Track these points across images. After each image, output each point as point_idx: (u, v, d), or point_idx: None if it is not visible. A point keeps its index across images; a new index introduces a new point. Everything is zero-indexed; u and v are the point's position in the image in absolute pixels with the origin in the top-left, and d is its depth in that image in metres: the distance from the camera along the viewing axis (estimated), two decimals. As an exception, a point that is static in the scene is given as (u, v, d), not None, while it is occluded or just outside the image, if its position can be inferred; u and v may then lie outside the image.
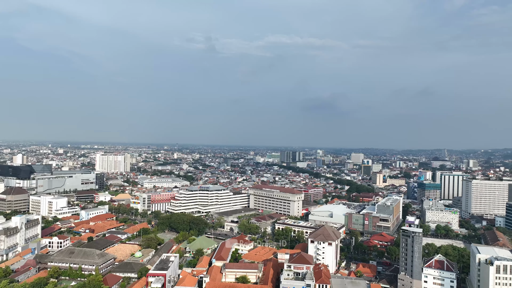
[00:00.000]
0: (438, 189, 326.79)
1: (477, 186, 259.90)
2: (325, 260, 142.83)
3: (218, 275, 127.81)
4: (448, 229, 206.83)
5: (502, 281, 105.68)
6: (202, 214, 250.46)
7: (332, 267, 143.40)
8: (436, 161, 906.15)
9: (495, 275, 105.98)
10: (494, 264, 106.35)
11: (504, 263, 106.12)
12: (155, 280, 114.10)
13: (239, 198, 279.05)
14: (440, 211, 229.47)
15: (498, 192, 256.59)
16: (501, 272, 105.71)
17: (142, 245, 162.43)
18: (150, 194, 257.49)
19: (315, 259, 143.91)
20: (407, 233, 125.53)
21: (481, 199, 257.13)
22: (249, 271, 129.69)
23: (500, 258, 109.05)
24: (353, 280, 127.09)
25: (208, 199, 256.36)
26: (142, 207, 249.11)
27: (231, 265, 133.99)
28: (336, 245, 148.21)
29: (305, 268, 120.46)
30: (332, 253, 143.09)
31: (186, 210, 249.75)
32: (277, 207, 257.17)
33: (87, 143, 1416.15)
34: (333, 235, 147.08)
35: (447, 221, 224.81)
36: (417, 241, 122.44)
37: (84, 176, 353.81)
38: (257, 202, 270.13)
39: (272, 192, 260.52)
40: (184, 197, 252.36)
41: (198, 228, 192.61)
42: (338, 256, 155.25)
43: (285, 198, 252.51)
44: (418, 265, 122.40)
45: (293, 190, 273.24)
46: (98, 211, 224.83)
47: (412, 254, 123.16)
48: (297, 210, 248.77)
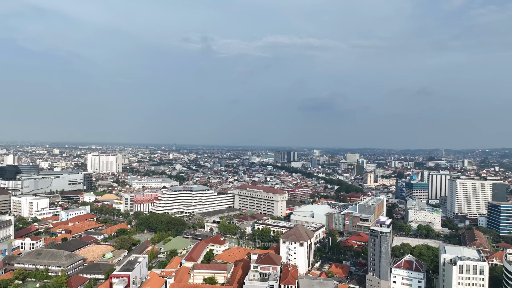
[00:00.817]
0: (425, 189, 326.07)
1: (461, 186, 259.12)
2: (296, 261, 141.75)
3: (185, 276, 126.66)
4: (429, 229, 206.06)
5: (465, 281, 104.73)
6: (185, 214, 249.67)
7: (304, 268, 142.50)
8: (431, 160, 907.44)
9: (458, 275, 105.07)
10: (457, 264, 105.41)
11: (467, 263, 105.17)
12: (118, 281, 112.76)
13: (224, 198, 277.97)
14: (423, 210, 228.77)
15: (482, 192, 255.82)
16: (464, 272, 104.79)
17: (115, 246, 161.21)
18: (133, 195, 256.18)
19: (287, 259, 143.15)
20: (375, 233, 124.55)
21: (465, 198, 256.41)
22: (217, 272, 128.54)
23: (464, 258, 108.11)
24: (321, 280, 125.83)
25: (191, 200, 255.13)
26: (124, 207, 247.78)
27: (200, 265, 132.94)
28: (309, 245, 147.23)
29: (271, 269, 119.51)
30: (304, 254, 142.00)
31: (169, 211, 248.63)
32: (261, 207, 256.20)
33: (85, 144, 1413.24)
34: (306, 235, 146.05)
35: (429, 220, 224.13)
36: (384, 241, 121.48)
37: (72, 177, 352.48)
38: (242, 202, 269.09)
39: (256, 192, 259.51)
40: (167, 198, 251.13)
41: (176, 228, 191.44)
42: (312, 256, 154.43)
43: (268, 198, 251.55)
44: (385, 265, 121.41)
45: (277, 190, 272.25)
46: (78, 212, 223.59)
47: (380, 254, 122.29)
48: (280, 210, 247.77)
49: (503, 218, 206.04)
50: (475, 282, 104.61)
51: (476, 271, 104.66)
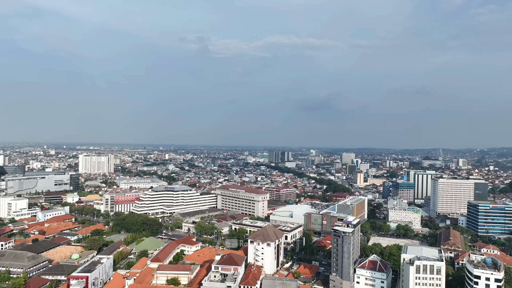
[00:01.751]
0: (411, 189, 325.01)
1: (443, 185, 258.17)
2: (263, 261, 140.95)
3: (148, 277, 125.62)
4: (407, 229, 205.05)
5: (422, 281, 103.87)
6: (166, 215, 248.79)
7: (272, 268, 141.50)
8: (427, 160, 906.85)
9: (415, 275, 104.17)
10: (414, 264, 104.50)
11: (424, 263, 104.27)
12: (76, 283, 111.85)
13: (208, 198, 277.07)
14: (403, 210, 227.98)
15: (464, 191, 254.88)
16: (421, 272, 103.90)
17: (86, 247, 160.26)
18: (114, 195, 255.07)
19: (254, 259, 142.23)
20: (337, 233, 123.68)
21: (447, 198, 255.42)
22: (180, 273, 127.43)
23: (422, 258, 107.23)
24: (284, 281, 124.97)
25: (173, 200, 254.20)
26: (104, 208, 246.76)
27: (164, 266, 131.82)
28: (277, 245, 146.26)
29: (232, 269, 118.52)
30: (271, 254, 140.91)
31: (150, 211, 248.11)
32: (243, 208, 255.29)
33: (84, 144, 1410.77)
34: (274, 235, 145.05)
35: (409, 220, 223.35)
36: (346, 241, 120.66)
37: (58, 177, 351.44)
38: (224, 203, 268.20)
39: (238, 192, 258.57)
40: (148, 198, 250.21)
41: (151, 229, 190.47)
42: (282, 257, 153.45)
43: (250, 199, 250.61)
44: (347, 266, 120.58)
45: (258, 190, 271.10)
46: (56, 213, 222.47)
47: (342, 254, 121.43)
48: (261, 210, 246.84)
49: (481, 217, 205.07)
50: (432, 282, 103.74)
51: (433, 271, 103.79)
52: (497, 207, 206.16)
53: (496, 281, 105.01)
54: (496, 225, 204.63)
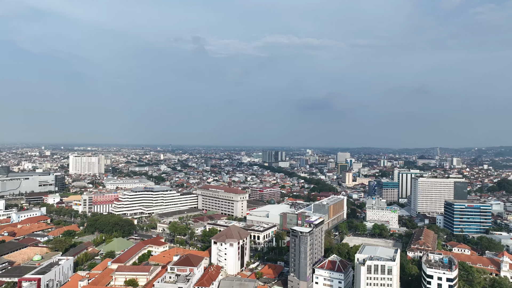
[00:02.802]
0: (395, 188, 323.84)
1: (423, 184, 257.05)
2: (227, 261, 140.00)
3: (105, 278, 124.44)
4: (382, 228, 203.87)
5: (373, 281, 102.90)
6: (145, 215, 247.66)
7: (235, 268, 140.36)
8: (422, 159, 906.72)
9: (366, 275, 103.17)
10: (366, 264, 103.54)
11: (375, 263, 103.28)
12: (28, 285, 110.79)
13: (189, 198, 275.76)
14: (381, 210, 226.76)
15: (444, 190, 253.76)
16: (372, 272, 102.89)
17: (51, 248, 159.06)
18: (92, 196, 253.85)
19: (217, 260, 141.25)
20: (294, 233, 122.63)
21: (427, 197, 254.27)
22: (139, 274, 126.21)
23: (375, 258, 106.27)
24: (242, 282, 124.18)
25: (152, 200, 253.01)
26: (82, 208, 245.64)
27: (123, 267, 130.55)
28: (242, 245, 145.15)
29: (188, 270, 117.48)
30: (234, 254, 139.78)
31: (129, 211, 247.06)
32: (222, 208, 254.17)
33: (82, 145, 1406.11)
34: (237, 235, 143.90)
35: (386, 220, 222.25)
36: (303, 242, 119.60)
37: (42, 178, 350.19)
38: (205, 203, 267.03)
39: (217, 192, 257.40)
40: (127, 199, 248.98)
41: (123, 229, 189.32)
42: (248, 257, 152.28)
43: (229, 199, 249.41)
44: (304, 266, 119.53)
45: (237, 190, 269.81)
46: (31, 214, 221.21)
47: (299, 254, 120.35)
48: (240, 210, 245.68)
49: (456, 216, 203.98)
50: (383, 282, 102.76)
51: (384, 271, 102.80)
52: (472, 206, 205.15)
53: (448, 280, 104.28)
54: (471, 224, 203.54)
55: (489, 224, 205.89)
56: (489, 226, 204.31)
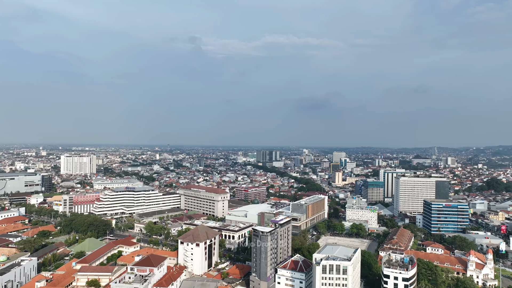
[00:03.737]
0: (381, 187, 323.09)
1: (404, 184, 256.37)
2: (193, 262, 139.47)
3: (66, 279, 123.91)
4: (360, 228, 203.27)
5: (328, 281, 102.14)
6: (126, 215, 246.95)
7: (202, 269, 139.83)
8: (417, 159, 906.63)
9: (321, 275, 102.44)
10: (321, 264, 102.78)
11: (330, 263, 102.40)
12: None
13: (172, 198, 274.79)
14: (361, 209, 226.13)
15: (425, 190, 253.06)
16: (327, 272, 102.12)
17: (21, 248, 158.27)
18: (72, 196, 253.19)
19: (184, 260, 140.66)
20: (256, 233, 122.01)
21: (408, 196, 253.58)
22: (102, 274, 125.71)
23: (331, 258, 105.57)
24: (204, 282, 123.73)
25: (134, 200, 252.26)
26: (63, 208, 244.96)
27: (86, 268, 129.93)
28: (209, 245, 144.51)
29: (148, 271, 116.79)
30: (201, 254, 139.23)
31: (110, 212, 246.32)
32: (204, 207, 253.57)
33: (81, 145, 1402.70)
34: (204, 235, 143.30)
35: (366, 219, 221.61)
36: (263, 241, 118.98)
37: (28, 178, 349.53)
38: (187, 203, 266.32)
39: (199, 192, 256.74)
40: (108, 199, 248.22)
41: (98, 230, 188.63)
42: (216, 257, 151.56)
43: (210, 198, 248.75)
44: (265, 266, 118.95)
45: (218, 190, 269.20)
46: (10, 214, 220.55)
47: (260, 254, 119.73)
48: (221, 210, 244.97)
49: (434, 216, 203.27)
50: (338, 282, 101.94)
51: (339, 271, 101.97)
52: (450, 205, 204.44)
53: (404, 280, 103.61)
54: (449, 223, 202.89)
55: (466, 223, 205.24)
56: (466, 225, 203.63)
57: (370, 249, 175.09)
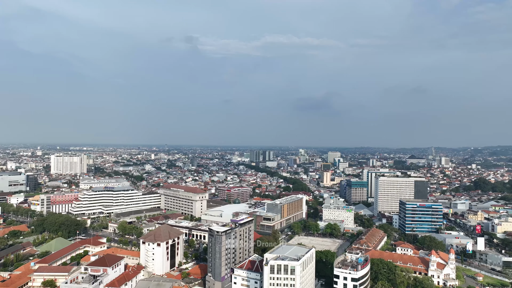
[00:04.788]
0: (365, 187, 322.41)
1: (384, 183, 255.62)
2: (154, 261, 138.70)
3: (21, 279, 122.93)
4: (334, 228, 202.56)
5: (276, 281, 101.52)
6: (103, 215, 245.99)
7: (163, 269, 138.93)
8: (412, 159, 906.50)
9: (269, 275, 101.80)
10: (269, 264, 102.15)
11: (278, 263, 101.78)
12: None
13: (153, 198, 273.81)
14: (337, 209, 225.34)
15: (404, 189, 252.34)
16: (275, 272, 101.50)
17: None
18: (50, 195, 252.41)
19: (145, 260, 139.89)
20: (211, 233, 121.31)
21: (387, 196, 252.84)
22: (58, 274, 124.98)
23: (280, 258, 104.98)
24: (160, 282, 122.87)
25: (112, 200, 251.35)
26: (40, 208, 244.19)
27: (43, 268, 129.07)
28: (172, 245, 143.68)
29: (102, 270, 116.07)
30: (162, 254, 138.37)
31: (88, 211, 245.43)
32: (183, 207, 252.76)
33: (80, 145, 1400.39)
34: (166, 235, 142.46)
35: (342, 219, 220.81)
36: (218, 241, 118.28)
37: (12, 178, 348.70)
38: (167, 202, 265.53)
39: (178, 192, 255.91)
40: (86, 198, 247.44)
41: (69, 229, 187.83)
42: (181, 257, 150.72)
43: (188, 198, 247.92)
44: (219, 266, 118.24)
45: (196, 189, 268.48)
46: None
47: (215, 254, 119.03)
48: (199, 210, 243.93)
49: (408, 215, 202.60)
50: (286, 282, 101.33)
51: (287, 271, 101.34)
52: (424, 205, 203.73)
53: (353, 280, 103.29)
54: (423, 223, 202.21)
55: (440, 223, 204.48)
56: (440, 225, 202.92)
57: (341, 249, 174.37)
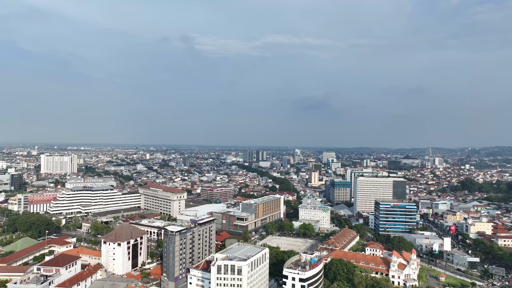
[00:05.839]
0: (348, 187, 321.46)
1: (362, 183, 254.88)
2: (115, 261, 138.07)
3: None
4: (307, 228, 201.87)
5: (222, 281, 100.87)
6: (81, 214, 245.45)
7: (124, 269, 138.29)
8: (406, 159, 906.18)
9: (216, 275, 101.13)
10: (216, 264, 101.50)
11: (225, 263, 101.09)
12: None
13: (134, 197, 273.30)
14: (313, 209, 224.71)
15: (382, 189, 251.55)
16: (222, 272, 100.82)
17: None
18: (28, 195, 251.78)
19: (106, 260, 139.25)
20: (166, 233, 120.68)
21: (366, 196, 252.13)
22: (13, 274, 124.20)
23: (228, 258, 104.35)
24: (115, 282, 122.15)
25: (91, 199, 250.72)
26: (18, 208, 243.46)
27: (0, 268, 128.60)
28: (133, 245, 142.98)
29: (54, 271, 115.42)
30: (123, 254, 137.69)
31: (66, 211, 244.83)
32: (162, 207, 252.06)
33: (78, 145, 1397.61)
34: (128, 235, 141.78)
35: (317, 219, 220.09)
36: (171, 241, 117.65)
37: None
38: (147, 202, 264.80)
39: (157, 192, 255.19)
40: (64, 198, 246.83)
41: (39, 229, 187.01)
42: (144, 257, 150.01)
43: (167, 198, 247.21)
44: (172, 266, 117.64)
45: (174, 189, 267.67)
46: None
47: (168, 254, 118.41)
48: (177, 210, 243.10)
49: (382, 216, 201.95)
50: (233, 283, 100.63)
51: (234, 271, 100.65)
52: (398, 206, 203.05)
53: (301, 280, 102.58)
54: (397, 223, 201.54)
55: (414, 223, 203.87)
56: (413, 225, 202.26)
57: (312, 249, 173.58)
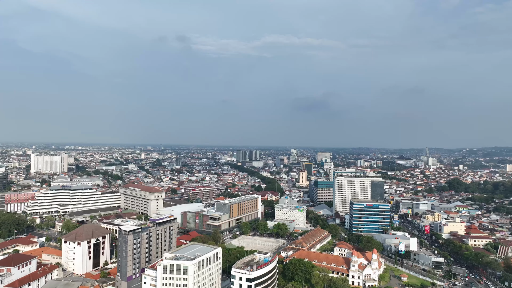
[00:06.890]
0: (331, 187, 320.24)
1: (341, 183, 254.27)
2: (75, 261, 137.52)
3: None
4: (280, 228, 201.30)
5: (168, 281, 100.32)
6: (59, 214, 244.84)
7: (84, 268, 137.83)
8: (401, 159, 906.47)
9: (162, 275, 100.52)
10: (161, 264, 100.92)
11: (171, 263, 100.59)
12: None
13: (114, 197, 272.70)
14: (289, 209, 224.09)
15: (360, 189, 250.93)
16: (168, 272, 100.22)
17: None
18: (4, 194, 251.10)
19: (66, 259, 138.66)
20: (119, 232, 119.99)
21: (344, 196, 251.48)
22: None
23: (177, 257, 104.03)
24: (70, 282, 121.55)
25: (69, 199, 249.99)
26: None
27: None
28: (95, 244, 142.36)
29: (5, 270, 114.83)
30: (82, 253, 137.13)
31: (43, 210, 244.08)
32: (140, 206, 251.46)
33: (75, 144, 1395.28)
34: (89, 234, 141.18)
35: (293, 219, 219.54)
36: (124, 241, 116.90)
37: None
38: (126, 201, 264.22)
39: (135, 191, 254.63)
40: (42, 197, 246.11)
41: (9, 228, 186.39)
42: (107, 256, 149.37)
43: (144, 197, 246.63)
44: (125, 266, 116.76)
45: (152, 189, 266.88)
46: None
47: (122, 254, 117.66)
48: (155, 209, 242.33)
49: (355, 215, 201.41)
50: (178, 283, 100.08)
51: (179, 271, 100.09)
52: (371, 206, 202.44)
53: (248, 280, 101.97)
54: (370, 223, 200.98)
55: (387, 223, 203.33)
56: (386, 225, 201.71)
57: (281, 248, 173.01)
